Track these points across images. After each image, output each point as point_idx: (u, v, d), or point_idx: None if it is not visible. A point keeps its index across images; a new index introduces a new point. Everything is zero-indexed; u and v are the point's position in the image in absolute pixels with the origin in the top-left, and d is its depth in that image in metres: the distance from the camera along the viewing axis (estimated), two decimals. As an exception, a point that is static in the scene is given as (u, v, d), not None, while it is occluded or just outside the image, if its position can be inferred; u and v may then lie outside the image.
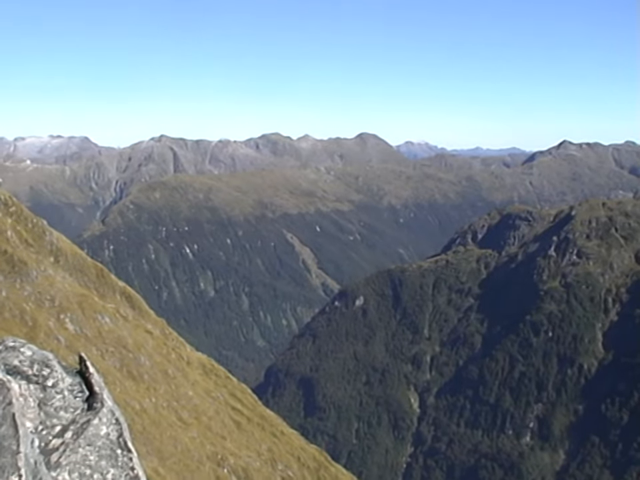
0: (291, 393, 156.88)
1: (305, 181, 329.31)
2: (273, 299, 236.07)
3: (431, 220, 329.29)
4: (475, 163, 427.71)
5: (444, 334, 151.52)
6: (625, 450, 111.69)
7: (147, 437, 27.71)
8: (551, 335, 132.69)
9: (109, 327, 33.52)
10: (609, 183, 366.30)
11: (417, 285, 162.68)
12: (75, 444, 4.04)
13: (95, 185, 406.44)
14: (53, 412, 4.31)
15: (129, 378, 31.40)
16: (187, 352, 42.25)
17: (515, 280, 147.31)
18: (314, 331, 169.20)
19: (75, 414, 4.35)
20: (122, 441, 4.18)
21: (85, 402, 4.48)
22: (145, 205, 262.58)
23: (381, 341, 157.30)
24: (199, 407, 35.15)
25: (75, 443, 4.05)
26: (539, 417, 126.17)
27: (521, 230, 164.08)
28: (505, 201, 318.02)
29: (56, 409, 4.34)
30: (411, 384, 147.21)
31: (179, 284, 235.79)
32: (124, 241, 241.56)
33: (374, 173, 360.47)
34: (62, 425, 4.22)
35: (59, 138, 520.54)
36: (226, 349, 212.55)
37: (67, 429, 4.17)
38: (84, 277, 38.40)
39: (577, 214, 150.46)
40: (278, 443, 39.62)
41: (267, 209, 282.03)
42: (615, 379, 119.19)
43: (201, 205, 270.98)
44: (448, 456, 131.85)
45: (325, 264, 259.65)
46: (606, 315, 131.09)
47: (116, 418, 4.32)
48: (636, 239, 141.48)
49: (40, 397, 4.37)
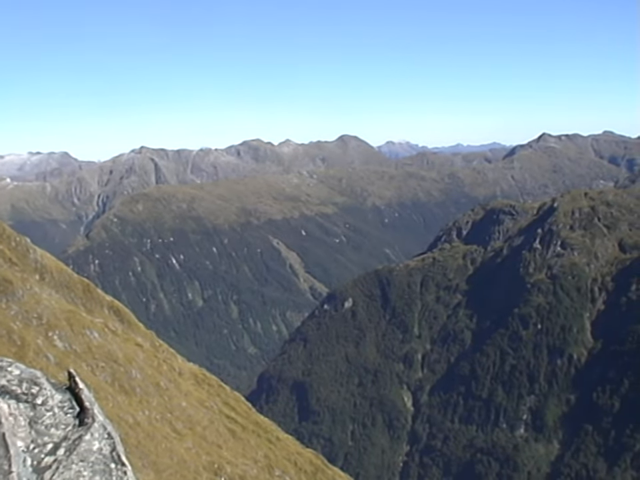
0: (285, 398, 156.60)
1: (288, 186, 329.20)
2: (262, 306, 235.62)
3: (415, 219, 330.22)
4: (457, 159, 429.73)
5: (434, 331, 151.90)
6: (618, 437, 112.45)
7: (142, 450, 27.56)
8: (539, 327, 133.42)
9: (98, 341, 33.31)
10: (590, 173, 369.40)
11: (404, 284, 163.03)
12: (67, 460, 4.03)
13: (77, 200, 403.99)
14: (43, 430, 4.30)
15: (120, 392, 31.21)
16: (178, 363, 42.07)
17: (502, 274, 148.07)
18: (304, 335, 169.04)
19: (67, 430, 4.34)
20: (115, 455, 4.17)
21: (76, 418, 4.47)
22: (128, 218, 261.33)
23: (371, 342, 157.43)
24: (193, 417, 35.01)
25: (67, 460, 4.04)
26: (531, 409, 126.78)
27: (505, 224, 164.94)
28: (488, 196, 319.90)
29: (47, 426, 4.33)
30: (404, 383, 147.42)
31: (166, 295, 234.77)
32: (109, 254, 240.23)
33: (356, 174, 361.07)
34: (54, 443, 4.21)
35: (38, 154, 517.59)
36: (217, 357, 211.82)
37: (59, 446, 4.16)
38: (70, 293, 38.15)
39: (560, 205, 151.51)
40: (274, 448, 39.54)
41: (252, 215, 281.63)
42: (605, 367, 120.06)
43: (184, 215, 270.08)
44: (444, 453, 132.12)
45: (312, 268, 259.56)
46: (593, 304, 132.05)
47: (108, 432, 4.31)
48: (618, 227, 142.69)
49: (30, 415, 4.36)
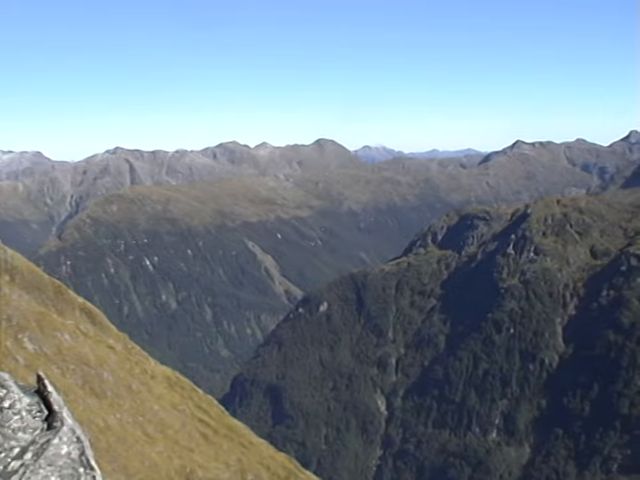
0: (258, 402, 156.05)
1: (264, 189, 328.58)
2: (237, 309, 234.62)
3: (390, 223, 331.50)
4: (432, 165, 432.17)
5: (408, 336, 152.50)
6: (588, 440, 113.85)
7: (113, 454, 27.25)
8: (512, 331, 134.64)
9: (69, 344, 32.91)
10: (562, 180, 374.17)
11: (379, 288, 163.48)
12: (35, 465, 3.96)
13: (49, 200, 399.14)
14: (10, 434, 4.21)
15: (91, 395, 30.86)
16: (150, 366, 41.71)
17: (476, 279, 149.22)
18: (279, 339, 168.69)
19: (34, 434, 4.25)
20: (84, 459, 4.10)
21: (44, 421, 4.39)
22: (102, 219, 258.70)
23: (346, 346, 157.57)
24: (165, 420, 34.72)
25: (35, 464, 3.96)
26: (504, 413, 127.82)
27: (479, 229, 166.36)
28: (462, 201, 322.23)
29: (14, 430, 4.25)
30: (378, 387, 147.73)
31: (140, 297, 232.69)
32: (82, 255, 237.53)
33: (333, 178, 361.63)
34: (21, 447, 4.13)
35: (10, 153, 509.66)
36: (190, 360, 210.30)
37: (27, 450, 4.08)
38: (41, 294, 37.65)
39: (533, 212, 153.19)
40: (247, 452, 39.34)
41: (227, 218, 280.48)
42: (576, 371, 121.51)
43: (159, 216, 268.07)
44: (417, 457, 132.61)
45: (288, 271, 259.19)
46: (565, 309, 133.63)
47: (77, 436, 4.24)
48: (590, 234, 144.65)
49: (-3, 418, 4.27)
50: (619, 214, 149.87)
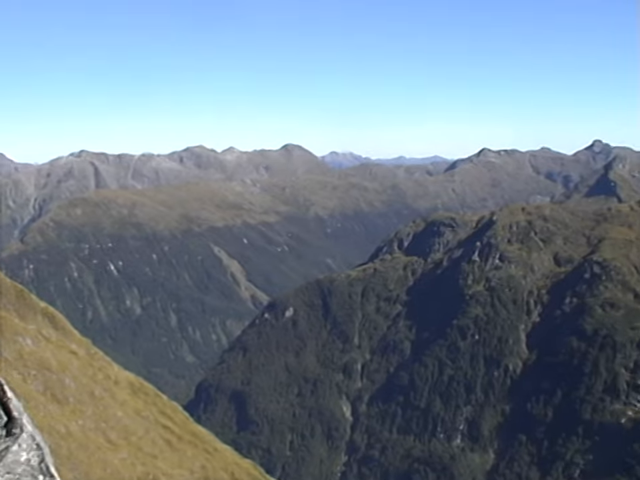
0: (223, 408, 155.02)
1: (231, 194, 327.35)
2: (202, 314, 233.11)
3: (357, 229, 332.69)
4: (399, 171, 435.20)
5: (374, 342, 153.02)
6: (551, 446, 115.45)
7: (74, 461, 26.76)
8: (477, 337, 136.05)
9: (31, 349, 32.29)
10: (527, 188, 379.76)
11: (345, 294, 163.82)
12: (-8, 473, 3.84)
13: (12, 202, 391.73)
14: (-33, 440, 4.08)
15: (53, 401, 30.28)
16: (114, 371, 41.12)
17: (441, 285, 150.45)
18: (244, 344, 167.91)
19: (-8, 441, 4.13)
20: (44, 467, 3.99)
21: (3, 428, 4.26)
22: (65, 222, 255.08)
23: (311, 352, 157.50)
24: (128, 427, 34.22)
25: (-8, 472, 3.84)
26: (468, 419, 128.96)
27: (445, 236, 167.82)
28: (429, 208, 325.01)
29: (-29, 437, 4.11)
30: (343, 393, 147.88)
31: (104, 302, 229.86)
32: (45, 259, 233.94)
33: (300, 183, 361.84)
34: (-22, 454, 3.99)
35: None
36: (155, 366, 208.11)
37: (-16, 458, 3.95)
38: (2, 298, 36.90)
39: (498, 219, 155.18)
40: (211, 459, 38.98)
41: (193, 222, 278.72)
42: (539, 377, 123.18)
43: (125, 220, 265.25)
44: (382, 463, 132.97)
45: (254, 276, 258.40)
46: (528, 316, 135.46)
47: (37, 443, 4.12)
48: (554, 241, 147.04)
49: (-47, 425, 4.13)
50: (582, 222, 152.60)
